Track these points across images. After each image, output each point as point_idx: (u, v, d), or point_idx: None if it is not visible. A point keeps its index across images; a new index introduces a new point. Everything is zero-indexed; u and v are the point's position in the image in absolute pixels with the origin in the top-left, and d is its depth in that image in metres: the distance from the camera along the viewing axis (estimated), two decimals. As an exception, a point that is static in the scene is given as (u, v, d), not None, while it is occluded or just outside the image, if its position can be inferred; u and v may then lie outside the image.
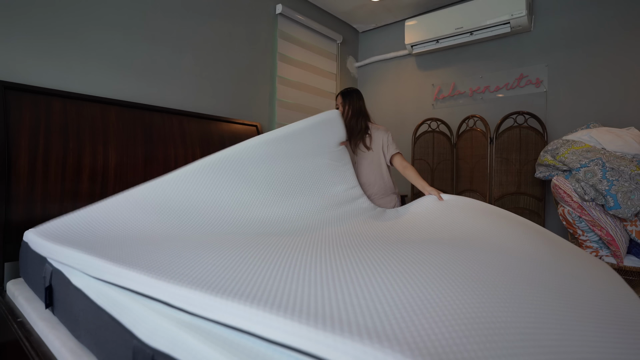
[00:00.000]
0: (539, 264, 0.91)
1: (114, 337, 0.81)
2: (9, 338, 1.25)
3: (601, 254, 2.06)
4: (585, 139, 2.15)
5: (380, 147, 2.09)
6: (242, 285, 0.65)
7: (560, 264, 0.96)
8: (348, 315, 0.54)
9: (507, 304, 0.62)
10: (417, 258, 0.82)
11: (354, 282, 0.68)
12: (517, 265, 0.85)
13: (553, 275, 0.84)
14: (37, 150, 1.64)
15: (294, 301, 0.59)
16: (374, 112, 3.82)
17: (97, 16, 1.96)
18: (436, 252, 0.89)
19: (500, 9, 2.76)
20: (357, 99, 2.12)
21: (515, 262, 0.88)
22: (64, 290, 1.06)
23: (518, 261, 0.89)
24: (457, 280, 0.69)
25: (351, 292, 0.63)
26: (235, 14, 2.69)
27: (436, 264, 0.78)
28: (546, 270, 0.86)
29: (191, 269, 0.76)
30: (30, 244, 1.23)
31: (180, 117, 2.25)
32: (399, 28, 3.62)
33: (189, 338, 0.63)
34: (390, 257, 0.83)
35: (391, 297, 0.60)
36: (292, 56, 3.13)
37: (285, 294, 0.62)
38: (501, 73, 2.99)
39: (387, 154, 2.07)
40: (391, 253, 0.88)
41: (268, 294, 0.61)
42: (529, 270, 0.83)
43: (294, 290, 0.64)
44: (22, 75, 1.71)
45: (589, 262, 1.15)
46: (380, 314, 0.54)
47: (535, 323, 0.59)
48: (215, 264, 0.78)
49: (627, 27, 2.46)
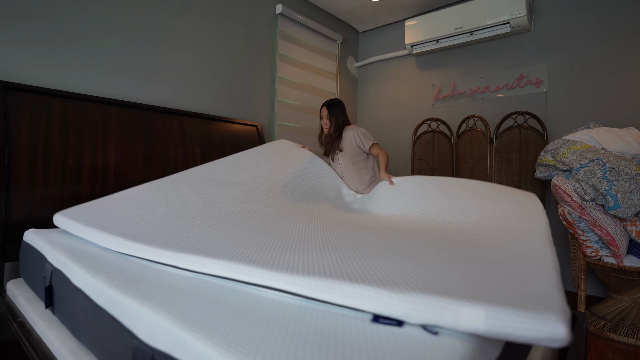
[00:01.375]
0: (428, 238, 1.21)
1: (114, 336, 0.81)
2: (9, 338, 1.25)
3: (601, 254, 2.06)
4: (585, 139, 2.15)
5: (351, 144, 2.18)
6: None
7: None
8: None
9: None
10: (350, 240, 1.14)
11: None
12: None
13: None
14: (37, 150, 1.64)
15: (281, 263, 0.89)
16: (374, 112, 3.83)
17: (97, 16, 1.96)
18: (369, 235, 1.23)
19: (500, 9, 2.76)
20: (342, 113, 2.23)
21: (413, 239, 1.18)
22: (64, 290, 1.06)
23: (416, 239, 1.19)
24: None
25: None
26: (235, 14, 2.69)
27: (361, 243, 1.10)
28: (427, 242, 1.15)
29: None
30: (61, 225, 1.37)
31: (180, 117, 2.25)
32: (399, 28, 3.62)
33: (189, 338, 0.63)
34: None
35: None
36: (292, 56, 3.13)
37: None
38: (501, 73, 2.99)
39: (365, 149, 2.17)
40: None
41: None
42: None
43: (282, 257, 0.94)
44: (22, 75, 1.71)
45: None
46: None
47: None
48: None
49: (627, 27, 2.46)
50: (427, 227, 1.51)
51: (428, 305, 0.64)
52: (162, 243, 1.07)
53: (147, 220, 1.29)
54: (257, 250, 0.99)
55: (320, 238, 1.18)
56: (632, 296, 2.04)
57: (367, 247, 1.05)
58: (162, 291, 0.82)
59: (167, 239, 1.11)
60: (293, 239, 1.15)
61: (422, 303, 0.65)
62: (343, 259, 0.92)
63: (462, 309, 0.61)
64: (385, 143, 3.73)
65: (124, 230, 1.20)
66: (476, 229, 1.34)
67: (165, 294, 0.81)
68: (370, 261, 0.90)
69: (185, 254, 0.98)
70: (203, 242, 1.07)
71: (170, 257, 1.00)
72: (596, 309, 2.15)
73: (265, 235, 1.15)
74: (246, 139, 2.62)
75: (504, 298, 0.64)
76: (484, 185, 1.70)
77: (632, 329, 1.95)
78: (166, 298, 0.78)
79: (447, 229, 1.42)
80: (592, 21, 2.58)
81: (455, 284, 0.73)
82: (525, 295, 0.66)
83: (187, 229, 1.20)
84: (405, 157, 3.55)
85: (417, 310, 0.65)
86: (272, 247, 1.02)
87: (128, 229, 1.21)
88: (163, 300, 0.76)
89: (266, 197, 1.69)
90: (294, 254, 0.97)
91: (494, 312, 0.59)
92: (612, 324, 2.01)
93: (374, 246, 1.07)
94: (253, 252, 0.96)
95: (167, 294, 0.80)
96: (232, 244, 1.05)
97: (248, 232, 1.18)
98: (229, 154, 2.47)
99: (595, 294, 2.52)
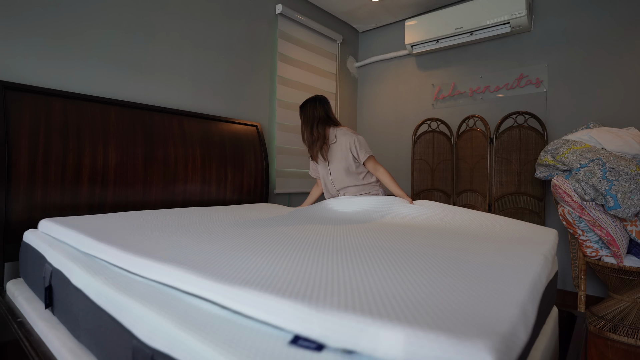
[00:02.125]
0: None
1: (113, 337, 0.81)
2: (8, 338, 1.25)
3: (601, 254, 2.06)
4: (585, 139, 2.15)
5: (346, 151, 2.00)
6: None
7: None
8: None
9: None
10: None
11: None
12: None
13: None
14: (37, 150, 1.64)
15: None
16: (374, 112, 3.83)
17: (97, 16, 1.96)
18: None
19: (500, 9, 2.76)
20: (312, 107, 2.04)
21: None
22: (63, 290, 1.06)
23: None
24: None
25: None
26: (235, 13, 2.69)
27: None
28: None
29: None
30: (47, 232, 1.38)
31: (180, 117, 2.25)
32: (399, 28, 3.62)
33: (189, 338, 0.63)
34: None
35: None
36: (292, 56, 3.13)
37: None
38: (501, 73, 2.99)
39: (359, 159, 2.00)
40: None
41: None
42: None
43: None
44: (22, 75, 1.71)
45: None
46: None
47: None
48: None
49: (627, 27, 2.46)
50: (424, 225, 1.50)
51: (347, 325, 0.54)
52: (117, 244, 1.06)
53: (116, 228, 1.31)
54: (195, 254, 0.92)
55: (279, 240, 1.10)
56: (632, 296, 2.04)
57: (336, 250, 0.97)
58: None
59: (119, 240, 1.12)
60: (244, 242, 1.07)
61: (341, 323, 0.55)
62: (292, 263, 0.83)
63: (380, 331, 0.51)
64: (385, 143, 3.73)
65: (92, 232, 1.22)
66: (478, 230, 1.33)
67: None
68: (327, 266, 0.81)
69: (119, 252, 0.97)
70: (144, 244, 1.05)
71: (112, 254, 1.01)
72: (596, 309, 2.15)
73: (212, 242, 1.08)
74: (246, 139, 2.62)
75: (436, 317, 0.53)
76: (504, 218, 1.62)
77: (632, 329, 1.95)
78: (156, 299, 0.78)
79: (446, 228, 1.42)
80: (592, 21, 2.58)
81: (393, 297, 0.63)
82: (470, 313, 0.55)
83: (130, 234, 1.20)
84: (405, 157, 3.55)
85: (336, 331, 0.55)
86: (211, 252, 0.95)
87: (96, 231, 1.23)
88: (162, 301, 0.76)
89: (236, 223, 1.64)
90: (232, 258, 0.88)
91: (414, 337, 0.48)
92: (612, 324, 2.01)
93: (342, 249, 0.99)
94: (191, 257, 0.90)
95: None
96: (174, 246, 1.02)
97: (194, 237, 1.14)
98: (229, 153, 2.47)
99: (595, 294, 2.52)
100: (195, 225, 1.42)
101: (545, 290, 1.14)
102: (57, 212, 1.68)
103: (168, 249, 0.99)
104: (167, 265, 0.84)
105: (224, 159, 2.43)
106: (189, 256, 0.91)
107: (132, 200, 1.95)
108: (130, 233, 1.22)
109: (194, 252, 0.95)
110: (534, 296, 0.67)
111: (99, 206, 1.82)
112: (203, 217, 1.68)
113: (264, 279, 0.73)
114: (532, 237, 1.22)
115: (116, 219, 1.51)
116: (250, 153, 2.62)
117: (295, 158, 3.16)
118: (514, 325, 0.52)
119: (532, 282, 0.72)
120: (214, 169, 2.37)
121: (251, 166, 2.62)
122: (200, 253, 0.94)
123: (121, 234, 1.20)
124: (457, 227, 1.44)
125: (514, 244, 1.09)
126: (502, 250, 1.00)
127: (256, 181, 2.65)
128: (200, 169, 2.28)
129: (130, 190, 1.94)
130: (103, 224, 1.37)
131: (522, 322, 0.55)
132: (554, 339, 1.29)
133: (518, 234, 1.27)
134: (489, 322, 0.52)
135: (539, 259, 0.89)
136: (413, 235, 1.23)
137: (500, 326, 0.50)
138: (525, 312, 0.58)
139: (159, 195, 2.06)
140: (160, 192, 2.07)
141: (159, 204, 2.07)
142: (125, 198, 1.92)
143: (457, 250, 0.98)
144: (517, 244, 1.09)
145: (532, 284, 0.70)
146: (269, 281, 0.71)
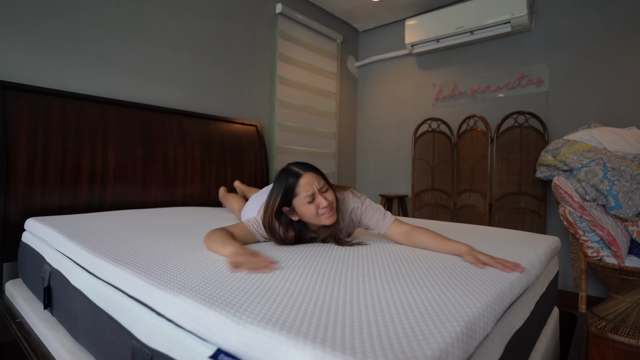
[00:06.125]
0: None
1: (112, 337, 0.80)
2: (7, 339, 1.24)
3: (602, 254, 2.05)
4: (586, 139, 2.14)
5: (353, 225, 1.28)
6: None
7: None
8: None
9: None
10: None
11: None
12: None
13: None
14: (36, 150, 1.63)
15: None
16: (374, 112, 3.83)
17: (97, 16, 1.95)
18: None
19: (500, 9, 2.75)
20: (277, 193, 1.11)
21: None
22: (62, 291, 1.06)
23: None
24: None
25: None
26: (235, 13, 2.68)
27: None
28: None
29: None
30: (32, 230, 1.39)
31: (180, 117, 2.25)
32: (399, 27, 3.62)
33: (188, 338, 0.62)
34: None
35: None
36: (292, 56, 3.13)
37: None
38: (502, 73, 2.99)
39: (377, 229, 1.23)
40: None
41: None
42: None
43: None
44: (21, 75, 1.70)
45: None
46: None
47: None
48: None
49: (627, 27, 2.45)
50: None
51: (262, 342, 0.51)
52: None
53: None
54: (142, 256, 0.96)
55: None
56: (633, 297, 2.03)
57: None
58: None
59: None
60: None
61: (256, 338, 0.52)
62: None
63: (290, 350, 0.49)
64: (385, 143, 3.72)
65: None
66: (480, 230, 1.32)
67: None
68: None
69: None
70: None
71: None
72: (597, 310, 2.15)
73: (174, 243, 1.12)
74: (246, 139, 2.62)
75: (357, 340, 0.49)
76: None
77: (633, 330, 1.94)
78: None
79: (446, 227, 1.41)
80: (593, 20, 2.58)
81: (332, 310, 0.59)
82: (395, 340, 0.51)
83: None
84: (406, 157, 3.54)
85: (251, 347, 0.52)
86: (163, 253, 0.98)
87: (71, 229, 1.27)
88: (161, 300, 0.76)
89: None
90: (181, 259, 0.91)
91: (320, 358, 0.46)
92: (613, 324, 2.01)
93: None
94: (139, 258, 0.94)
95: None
96: (138, 247, 1.04)
97: (161, 237, 1.18)
98: (229, 153, 2.47)
99: (596, 294, 2.52)
100: (176, 225, 1.45)
101: (546, 291, 1.13)
102: (55, 212, 1.67)
103: (130, 250, 1.01)
104: (117, 266, 0.86)
105: (223, 159, 2.43)
106: (142, 258, 0.93)
107: (132, 200, 1.94)
108: (106, 233, 1.24)
109: (147, 254, 0.98)
110: (494, 309, 0.65)
111: (98, 206, 1.82)
112: (192, 217, 1.70)
113: (204, 283, 0.72)
114: (530, 241, 1.21)
115: (105, 218, 1.53)
116: (250, 153, 2.62)
117: (295, 158, 3.15)
118: (444, 350, 0.49)
119: (498, 294, 0.70)
120: (214, 169, 2.36)
121: (251, 166, 2.61)
122: (151, 254, 0.97)
123: (97, 233, 1.22)
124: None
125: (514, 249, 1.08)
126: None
127: (256, 181, 2.64)
128: (199, 169, 2.28)
129: (130, 190, 1.93)
130: (88, 223, 1.39)
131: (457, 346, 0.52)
132: (555, 340, 1.29)
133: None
134: (413, 349, 0.48)
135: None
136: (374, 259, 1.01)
137: (425, 353, 0.47)
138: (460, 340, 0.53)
139: (158, 195, 2.06)
140: (159, 192, 2.06)
141: (159, 204, 2.06)
142: (125, 198, 1.91)
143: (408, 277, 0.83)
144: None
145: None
146: (204, 287, 0.70)
